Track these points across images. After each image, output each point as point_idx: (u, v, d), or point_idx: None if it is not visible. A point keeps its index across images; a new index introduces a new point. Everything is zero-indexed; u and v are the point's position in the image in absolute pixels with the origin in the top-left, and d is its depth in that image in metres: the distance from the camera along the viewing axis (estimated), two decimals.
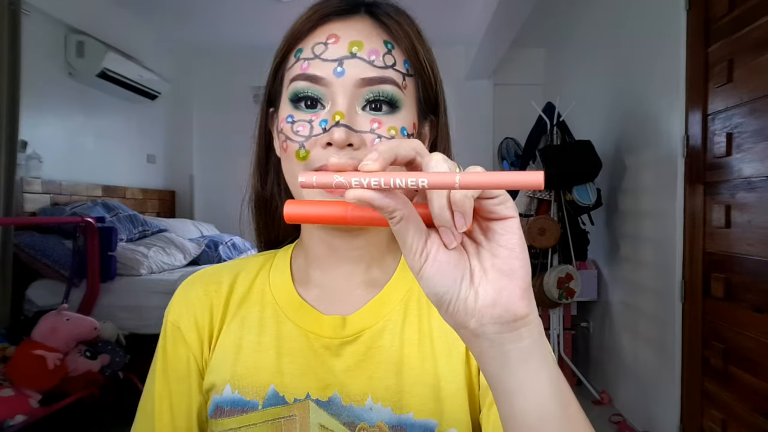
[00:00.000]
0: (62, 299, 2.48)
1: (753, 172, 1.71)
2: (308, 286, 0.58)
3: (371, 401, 0.52)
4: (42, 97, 2.94)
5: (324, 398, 0.53)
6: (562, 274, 2.76)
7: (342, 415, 0.52)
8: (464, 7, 3.56)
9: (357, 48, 0.49)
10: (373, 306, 0.56)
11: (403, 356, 0.54)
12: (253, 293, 0.59)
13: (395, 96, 0.50)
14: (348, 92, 0.49)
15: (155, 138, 4.29)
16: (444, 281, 0.34)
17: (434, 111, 0.57)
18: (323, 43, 0.50)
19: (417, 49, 0.53)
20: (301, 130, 0.50)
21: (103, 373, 2.20)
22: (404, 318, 0.56)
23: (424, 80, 0.54)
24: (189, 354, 0.57)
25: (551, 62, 4.21)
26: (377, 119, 0.50)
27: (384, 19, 0.52)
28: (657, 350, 2.34)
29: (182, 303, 0.59)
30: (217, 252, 3.54)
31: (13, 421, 1.81)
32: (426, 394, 0.52)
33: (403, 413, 0.52)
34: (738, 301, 1.81)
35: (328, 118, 0.49)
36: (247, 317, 0.57)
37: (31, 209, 2.77)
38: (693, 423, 2.08)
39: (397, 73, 0.51)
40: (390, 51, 0.51)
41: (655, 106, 2.37)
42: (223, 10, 3.63)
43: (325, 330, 0.55)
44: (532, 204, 2.93)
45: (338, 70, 0.49)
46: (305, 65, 0.50)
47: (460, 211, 0.32)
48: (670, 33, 2.18)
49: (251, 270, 0.61)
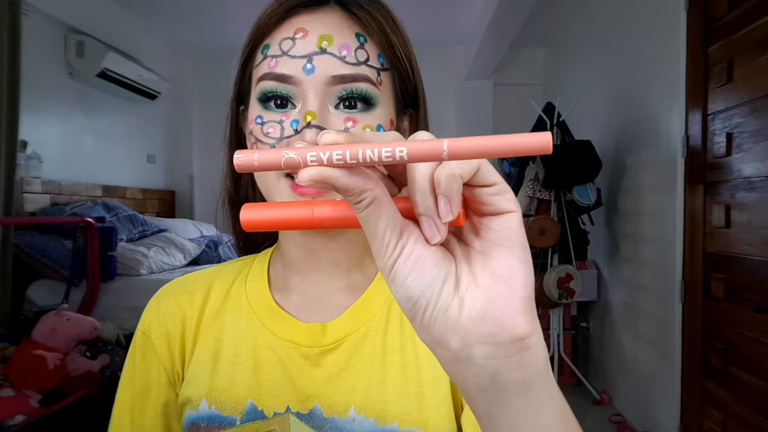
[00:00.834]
0: (62, 299, 2.48)
1: (753, 172, 1.71)
2: (286, 293, 0.55)
3: (354, 412, 0.50)
4: (42, 97, 2.94)
5: (305, 411, 0.50)
6: (562, 274, 2.76)
7: (324, 427, 0.50)
8: (464, 7, 3.56)
9: (327, 43, 0.47)
10: (354, 311, 0.53)
11: (386, 364, 0.51)
12: (228, 302, 0.56)
13: (369, 93, 0.48)
14: (319, 90, 0.46)
15: (155, 138, 4.29)
16: (420, 282, 0.27)
17: (414, 104, 0.55)
18: (290, 38, 0.47)
19: (392, 41, 0.50)
20: (271, 131, 0.48)
21: (103, 373, 2.20)
22: (386, 323, 0.53)
23: (401, 73, 0.52)
24: (159, 366, 0.55)
25: (551, 62, 4.20)
26: (351, 117, 0.47)
27: (355, 10, 0.49)
28: (657, 350, 2.34)
29: (154, 314, 0.56)
30: (217, 252, 3.55)
31: (13, 421, 1.81)
32: (410, 403, 0.50)
33: (387, 424, 0.49)
34: (738, 301, 1.81)
35: (299, 119, 0.47)
36: (223, 328, 0.55)
37: (31, 209, 2.77)
38: (693, 423, 2.08)
39: (371, 69, 0.48)
40: (362, 45, 0.48)
41: (655, 106, 2.37)
42: (223, 10, 3.64)
43: (303, 338, 0.52)
44: (532, 204, 2.93)
45: (308, 67, 0.46)
46: (273, 63, 0.47)
47: (446, 194, 0.25)
48: (670, 33, 2.18)
49: (227, 278, 0.58)
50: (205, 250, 3.51)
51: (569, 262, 2.82)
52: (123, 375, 0.57)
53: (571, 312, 3.15)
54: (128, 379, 0.56)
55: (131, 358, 0.56)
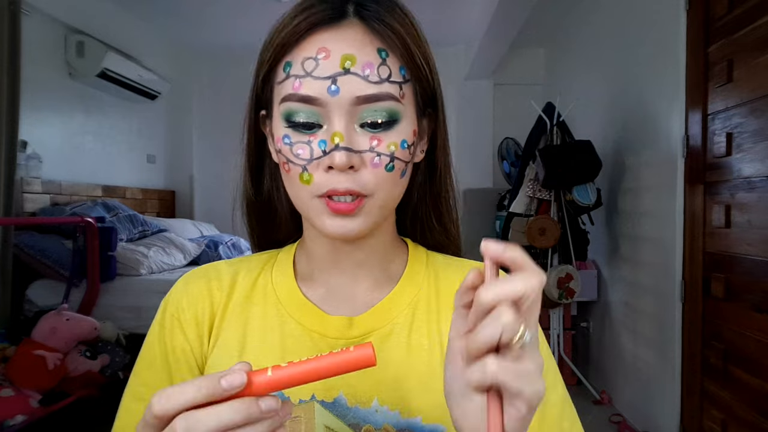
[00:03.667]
0: (62, 299, 2.48)
1: (753, 172, 1.71)
2: (312, 285, 0.57)
3: (377, 403, 0.52)
4: (42, 97, 2.94)
5: (329, 399, 0.52)
6: (562, 274, 2.76)
7: (347, 416, 0.51)
8: (464, 7, 3.56)
9: (350, 62, 0.47)
10: (380, 309, 0.55)
11: (412, 361, 0.53)
12: (256, 291, 0.58)
13: (393, 110, 0.49)
14: (344, 111, 0.47)
15: (155, 138, 4.29)
16: None
17: (432, 105, 0.56)
18: (313, 58, 0.47)
19: (412, 51, 0.50)
20: (301, 153, 0.48)
21: (103, 373, 2.21)
22: (412, 323, 0.55)
23: (422, 80, 0.52)
24: (186, 346, 0.55)
25: (551, 62, 4.21)
26: (376, 137, 0.48)
27: (375, 24, 0.49)
28: (657, 350, 2.34)
29: (183, 295, 0.57)
30: (217, 252, 3.55)
31: (13, 421, 1.81)
32: (434, 399, 0.51)
33: (411, 417, 0.51)
34: (738, 301, 1.81)
35: (326, 139, 0.48)
36: (250, 317, 0.56)
37: (31, 209, 2.77)
38: (693, 423, 2.08)
39: (394, 84, 0.49)
40: (384, 61, 0.48)
41: (655, 106, 2.37)
42: (223, 10, 3.64)
43: (330, 330, 0.54)
44: (532, 204, 2.93)
45: (332, 88, 0.47)
46: (297, 84, 0.48)
47: None
48: (670, 33, 2.18)
49: (254, 267, 0.59)
50: (205, 250, 3.51)
51: (569, 262, 2.82)
52: (143, 354, 0.56)
53: (571, 312, 3.15)
54: (149, 358, 0.55)
55: (157, 338, 0.56)
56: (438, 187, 0.59)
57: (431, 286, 0.57)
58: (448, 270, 0.59)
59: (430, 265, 0.59)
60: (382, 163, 0.48)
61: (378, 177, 0.49)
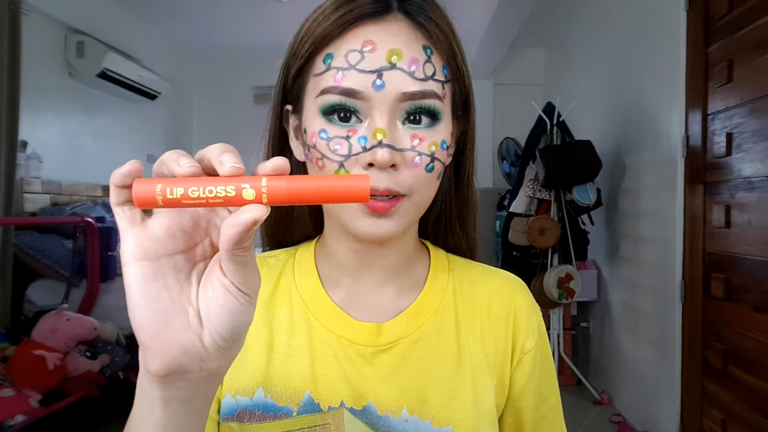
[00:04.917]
0: (62, 299, 2.48)
1: (753, 172, 1.71)
2: (336, 288, 0.55)
3: (407, 413, 0.50)
4: (42, 97, 2.94)
5: (359, 407, 0.51)
6: (562, 274, 2.76)
7: (377, 425, 0.50)
8: (464, 7, 3.56)
9: (396, 57, 0.45)
10: (408, 315, 0.54)
11: (440, 369, 0.52)
12: (279, 293, 0.56)
13: (436, 108, 0.47)
14: (387, 107, 0.45)
15: (155, 138, 4.29)
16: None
17: (465, 108, 0.54)
18: (358, 51, 0.45)
19: (455, 51, 0.49)
20: (339, 148, 0.46)
21: (103, 373, 2.20)
22: (440, 329, 0.54)
23: (460, 82, 0.51)
24: None
25: (551, 62, 4.21)
26: (418, 135, 0.47)
27: (421, 20, 0.48)
28: (657, 350, 2.34)
29: None
30: None
31: (13, 421, 1.81)
32: (465, 409, 0.51)
33: (442, 427, 0.50)
34: (738, 301, 1.81)
35: (367, 135, 0.46)
36: (275, 319, 0.54)
37: (31, 209, 2.76)
38: (693, 423, 2.08)
39: (437, 83, 0.47)
40: (429, 58, 0.47)
41: (655, 106, 2.37)
42: (223, 10, 3.64)
43: (359, 337, 0.52)
44: (532, 204, 2.93)
45: (378, 83, 0.45)
46: (339, 76, 0.46)
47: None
48: (670, 33, 2.18)
49: (274, 268, 0.58)
50: None
51: (569, 262, 2.82)
52: None
53: (571, 312, 3.15)
54: None
55: None
56: (464, 192, 0.58)
57: (455, 292, 0.57)
58: (471, 275, 0.58)
59: (452, 270, 0.58)
60: (423, 163, 0.47)
61: (417, 177, 0.47)
